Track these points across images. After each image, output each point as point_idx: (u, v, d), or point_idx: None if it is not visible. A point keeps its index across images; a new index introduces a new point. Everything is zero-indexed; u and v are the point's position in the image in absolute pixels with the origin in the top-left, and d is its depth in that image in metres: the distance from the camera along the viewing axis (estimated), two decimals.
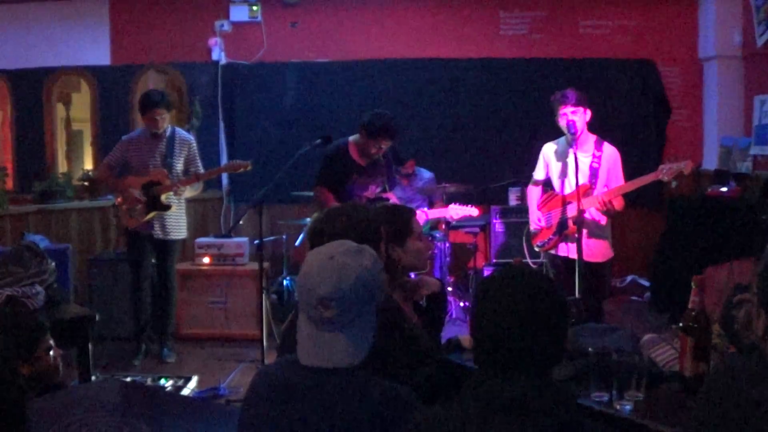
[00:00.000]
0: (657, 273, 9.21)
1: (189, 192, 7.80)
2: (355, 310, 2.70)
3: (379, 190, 7.45)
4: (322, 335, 2.71)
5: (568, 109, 6.24)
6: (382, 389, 2.69)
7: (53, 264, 6.05)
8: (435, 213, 8.22)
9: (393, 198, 7.54)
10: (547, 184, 6.79)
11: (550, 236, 6.53)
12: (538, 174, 6.78)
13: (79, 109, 10.33)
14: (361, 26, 10.07)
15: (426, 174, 9.22)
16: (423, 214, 7.96)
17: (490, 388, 2.53)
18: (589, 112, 6.36)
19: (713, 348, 3.59)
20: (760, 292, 2.57)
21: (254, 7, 9.88)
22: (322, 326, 2.70)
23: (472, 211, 8.14)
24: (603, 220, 6.41)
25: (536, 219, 6.70)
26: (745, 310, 3.48)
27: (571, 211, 6.25)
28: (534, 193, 6.82)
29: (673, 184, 6.19)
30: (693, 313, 3.44)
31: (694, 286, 3.48)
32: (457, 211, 8.11)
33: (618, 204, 6.29)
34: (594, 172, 6.33)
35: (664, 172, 6.00)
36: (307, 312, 2.74)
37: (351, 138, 7.39)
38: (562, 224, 6.41)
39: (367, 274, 2.73)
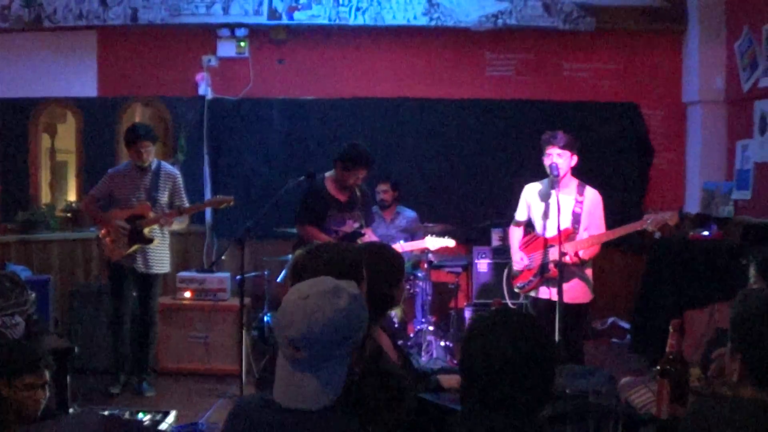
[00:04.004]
0: (638, 315, 9.22)
1: (175, 224, 7.82)
2: (325, 353, 2.63)
3: (356, 225, 7.49)
4: (294, 374, 2.66)
5: (554, 150, 6.31)
6: None
7: (33, 295, 6.03)
8: (411, 245, 8.22)
9: (370, 234, 7.58)
10: (528, 225, 6.82)
11: (531, 278, 6.56)
12: (520, 215, 6.82)
13: (64, 140, 10.31)
14: (347, 65, 10.10)
15: (409, 213, 9.25)
16: (399, 247, 7.97)
17: (478, 428, 2.54)
18: (575, 158, 6.42)
19: (692, 391, 3.60)
20: (735, 336, 2.59)
21: (242, 43, 9.89)
22: (295, 365, 2.66)
23: (449, 242, 8.15)
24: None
25: (518, 259, 6.71)
26: (717, 363, 3.50)
27: (553, 255, 6.27)
28: (515, 234, 6.85)
29: (657, 234, 6.23)
30: (670, 357, 3.45)
31: (672, 330, 3.50)
32: (433, 242, 8.13)
33: (588, 253, 6.34)
34: (576, 218, 6.38)
35: (650, 222, 6.06)
36: (282, 350, 2.71)
37: (327, 174, 7.50)
38: (544, 267, 6.43)
39: (340, 316, 2.64)
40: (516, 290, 6.79)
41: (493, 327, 2.65)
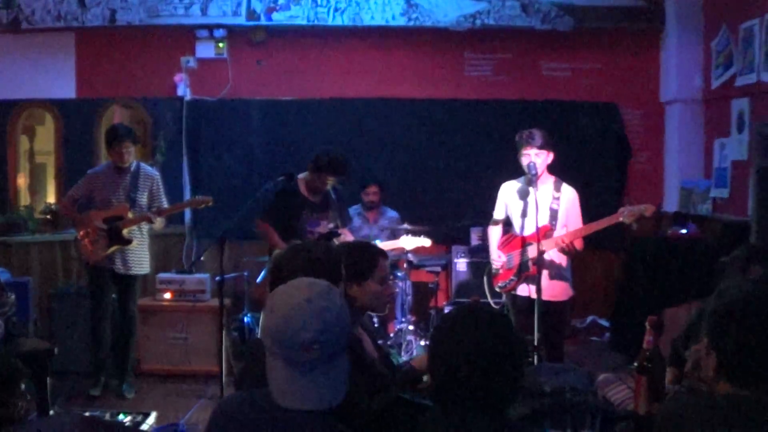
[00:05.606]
0: (617, 314, 9.26)
1: (159, 224, 7.80)
2: (336, 349, 2.66)
3: (332, 225, 7.51)
4: (302, 377, 2.64)
5: (532, 151, 6.32)
6: None
7: (13, 297, 6.02)
8: (387, 245, 8.22)
9: (347, 234, 7.60)
10: (506, 223, 6.83)
11: (511, 277, 6.56)
12: (498, 213, 6.83)
13: (42, 142, 10.27)
14: (326, 65, 10.09)
15: (391, 213, 9.25)
16: None
17: (447, 427, 2.55)
18: (552, 155, 6.43)
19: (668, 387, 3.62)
20: (710, 333, 2.61)
21: (220, 44, 9.87)
22: (302, 368, 2.64)
23: (425, 241, 8.18)
24: (564, 261, 6.47)
25: (496, 257, 6.72)
26: (694, 358, 3.52)
27: (532, 253, 6.29)
28: (494, 233, 6.85)
29: (634, 226, 6.25)
30: (647, 353, 3.47)
31: (648, 327, 3.52)
32: (409, 242, 8.15)
33: (579, 245, 6.36)
34: (554, 214, 6.40)
35: (625, 214, 6.08)
36: (285, 356, 2.66)
37: (301, 175, 7.54)
38: (523, 266, 6.45)
39: (342, 312, 2.68)
40: (497, 290, 6.79)
41: (459, 324, 2.66)
